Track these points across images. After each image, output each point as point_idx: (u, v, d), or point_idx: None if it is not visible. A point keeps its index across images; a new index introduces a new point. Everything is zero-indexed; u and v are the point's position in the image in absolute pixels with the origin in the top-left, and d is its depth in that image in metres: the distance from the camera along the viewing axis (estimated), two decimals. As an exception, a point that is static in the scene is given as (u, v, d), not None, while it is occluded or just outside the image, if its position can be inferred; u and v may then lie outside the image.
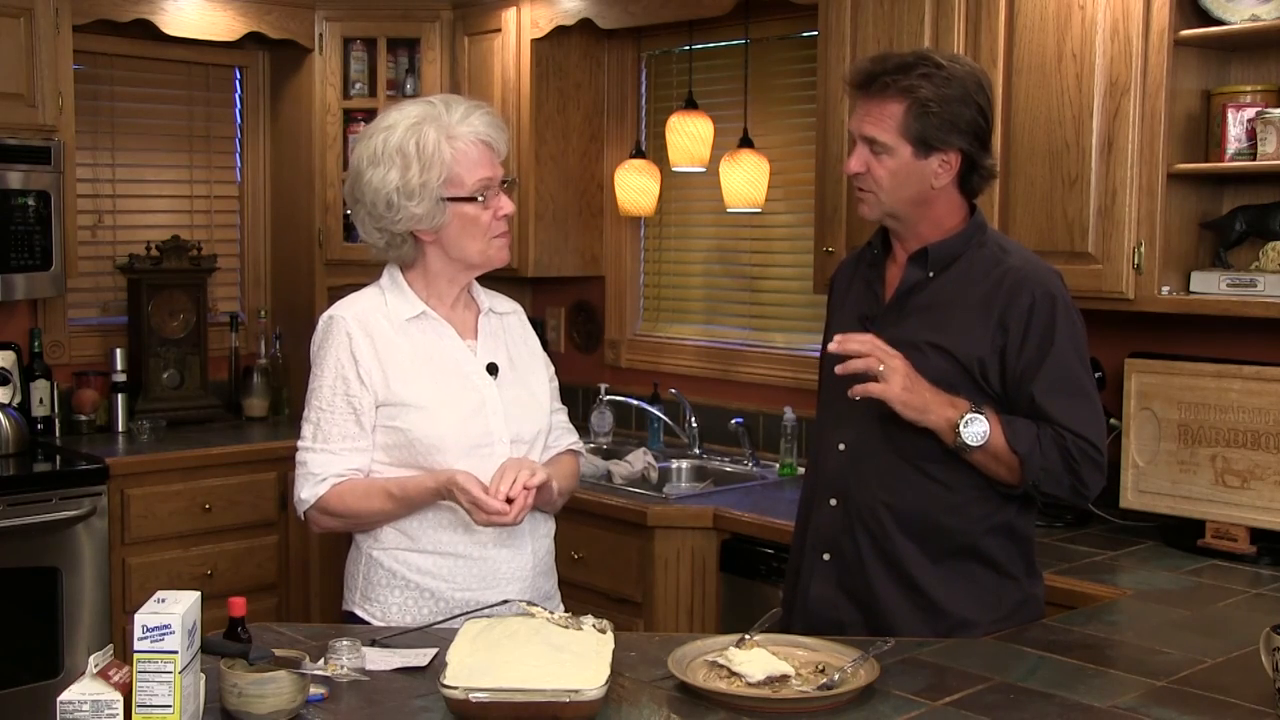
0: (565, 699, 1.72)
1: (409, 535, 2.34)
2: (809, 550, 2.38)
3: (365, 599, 2.37)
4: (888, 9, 3.36)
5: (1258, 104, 2.92)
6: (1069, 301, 2.26)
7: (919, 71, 2.19)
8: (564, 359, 4.93)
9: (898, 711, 1.84)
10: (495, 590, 2.34)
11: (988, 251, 2.28)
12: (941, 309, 2.26)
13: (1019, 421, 2.19)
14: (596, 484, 3.85)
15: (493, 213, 2.33)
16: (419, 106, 2.33)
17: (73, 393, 4.48)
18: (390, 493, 2.30)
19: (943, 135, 2.21)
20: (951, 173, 2.25)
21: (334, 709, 1.84)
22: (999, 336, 2.21)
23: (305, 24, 4.68)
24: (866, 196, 2.29)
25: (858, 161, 2.26)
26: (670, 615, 3.53)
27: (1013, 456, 2.18)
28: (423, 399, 2.31)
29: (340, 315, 2.36)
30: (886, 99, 2.21)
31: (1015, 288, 2.22)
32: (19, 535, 3.78)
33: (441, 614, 2.31)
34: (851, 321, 2.36)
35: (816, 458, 2.43)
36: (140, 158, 4.81)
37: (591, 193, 4.70)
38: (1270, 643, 1.84)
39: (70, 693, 1.64)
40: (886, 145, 2.22)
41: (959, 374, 2.21)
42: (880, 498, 2.28)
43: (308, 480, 2.32)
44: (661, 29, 4.43)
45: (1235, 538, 2.89)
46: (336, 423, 2.32)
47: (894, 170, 2.23)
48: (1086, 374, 2.24)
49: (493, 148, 2.34)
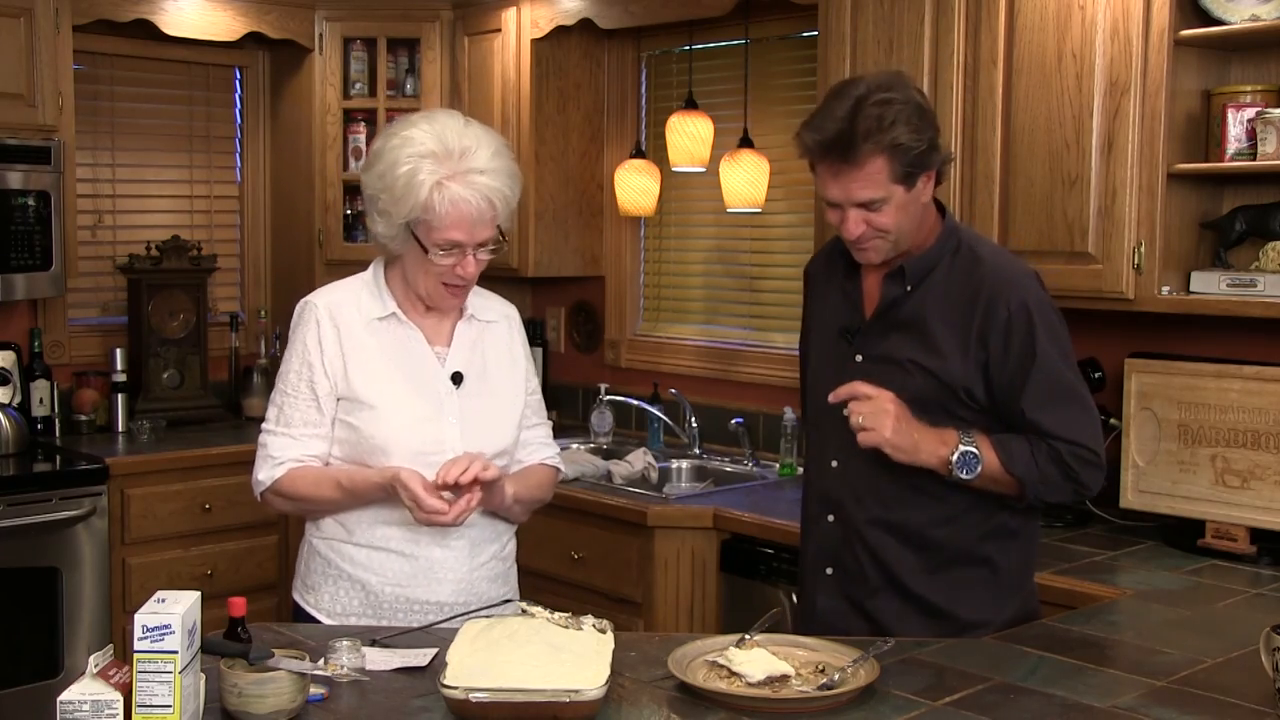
0: (565, 699, 1.72)
1: (346, 527, 2.36)
2: (812, 563, 2.39)
3: (305, 586, 2.42)
4: (888, 9, 3.36)
5: (1258, 104, 2.92)
6: (1047, 303, 2.25)
7: (888, 118, 2.13)
8: (564, 359, 4.93)
9: (898, 711, 1.84)
10: (426, 589, 2.34)
11: (962, 259, 2.27)
12: (923, 324, 2.25)
13: (1013, 441, 2.19)
14: (596, 484, 3.85)
15: (450, 268, 2.29)
16: (443, 138, 2.24)
17: (73, 393, 4.48)
18: (339, 483, 2.32)
19: (924, 161, 2.19)
20: (932, 182, 2.25)
21: (334, 709, 1.84)
22: (980, 353, 2.21)
23: (305, 24, 4.68)
24: (872, 245, 2.24)
25: (856, 225, 2.21)
26: (670, 615, 3.53)
27: (1011, 478, 2.19)
28: (376, 399, 2.32)
29: (314, 302, 2.40)
30: (868, 160, 2.15)
31: (991, 301, 2.21)
32: (19, 535, 3.78)
33: (371, 607, 2.34)
34: (832, 335, 2.36)
35: (811, 472, 2.43)
36: (140, 158, 4.81)
37: (591, 193, 4.70)
38: (1270, 643, 1.84)
39: (70, 693, 1.64)
40: (882, 199, 2.18)
41: (945, 393, 2.22)
42: (874, 513, 2.28)
43: (266, 462, 2.36)
44: (661, 29, 4.43)
45: (1235, 538, 2.89)
46: (299, 408, 2.34)
47: (894, 214, 2.20)
48: (1074, 375, 2.24)
49: (484, 212, 2.25)
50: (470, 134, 2.28)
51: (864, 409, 2.15)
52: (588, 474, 3.91)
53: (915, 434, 2.16)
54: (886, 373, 2.24)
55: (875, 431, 2.13)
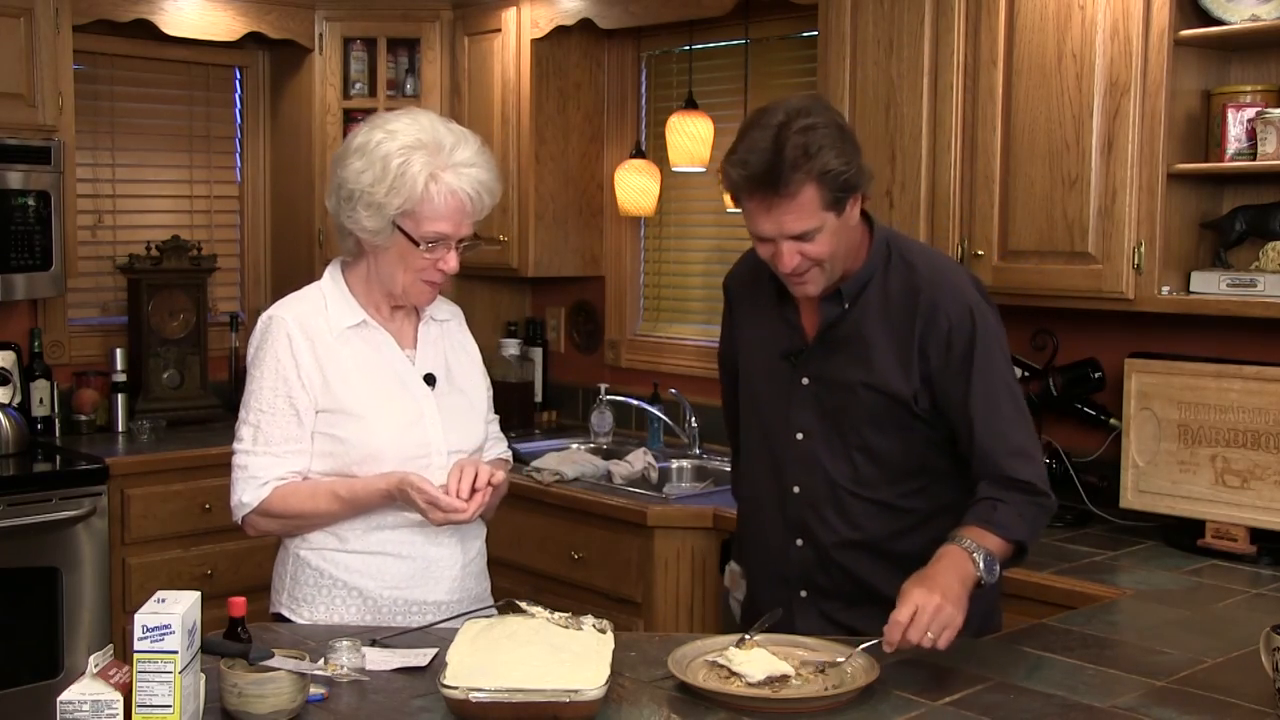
0: (565, 699, 1.72)
1: (338, 536, 2.32)
2: (782, 585, 2.34)
3: (293, 599, 2.35)
4: (888, 9, 3.36)
5: (1258, 104, 2.92)
6: (985, 306, 2.21)
7: (814, 145, 2.05)
8: (564, 359, 4.93)
9: (898, 711, 1.84)
10: (424, 589, 2.34)
11: (895, 268, 2.23)
12: (863, 341, 2.22)
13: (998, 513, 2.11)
14: (596, 484, 3.85)
15: (433, 262, 2.29)
16: (429, 131, 2.26)
17: (73, 393, 4.48)
18: (337, 494, 2.28)
19: (853, 184, 2.11)
20: (859, 203, 2.18)
21: (334, 709, 1.84)
22: (921, 363, 2.19)
23: (305, 24, 4.68)
24: (809, 277, 2.17)
25: (791, 257, 2.12)
26: (670, 615, 3.52)
27: (1010, 546, 2.11)
28: (361, 408, 2.29)
29: (280, 316, 2.33)
30: (798, 191, 2.06)
31: (931, 310, 2.18)
32: (19, 535, 3.78)
33: (370, 613, 2.31)
34: (774, 360, 2.31)
35: (766, 496, 2.36)
36: (140, 158, 4.81)
37: (591, 193, 4.70)
38: (1270, 643, 1.84)
39: (70, 693, 1.64)
40: (815, 229, 2.10)
41: (896, 408, 2.20)
42: (842, 534, 2.27)
43: (249, 484, 2.28)
44: (661, 29, 4.43)
45: (1235, 538, 2.89)
46: (278, 424, 2.29)
47: (828, 242, 2.12)
48: (1011, 376, 2.22)
49: (473, 205, 2.27)
50: (453, 129, 2.29)
51: (924, 630, 1.94)
52: (588, 474, 3.91)
53: (944, 585, 1.99)
54: (835, 396, 2.23)
55: (949, 631, 1.96)
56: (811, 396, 2.26)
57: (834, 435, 2.26)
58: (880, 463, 2.24)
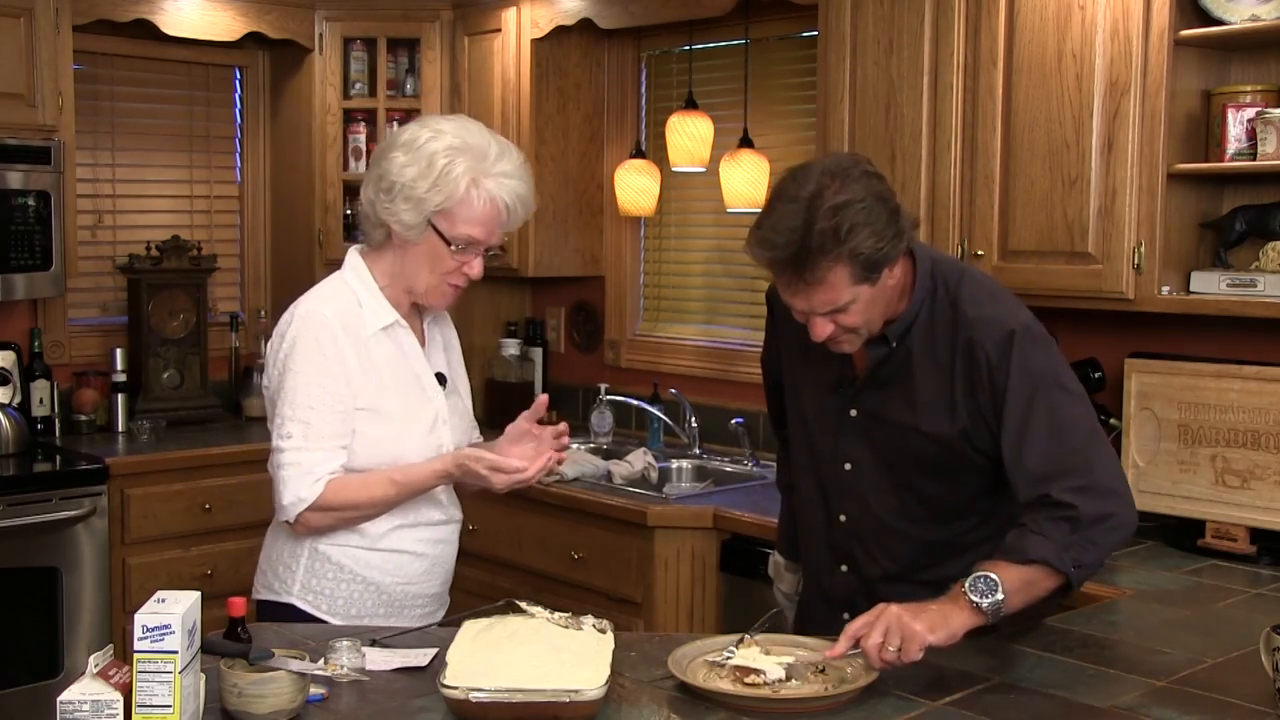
0: (565, 699, 1.72)
1: (363, 533, 2.36)
2: (825, 606, 2.31)
3: (308, 590, 2.37)
4: (888, 9, 3.36)
5: (1258, 104, 2.92)
6: (1023, 333, 2.08)
7: (844, 226, 1.93)
8: (564, 359, 4.93)
9: (898, 711, 1.84)
10: (428, 583, 2.44)
11: (940, 307, 2.13)
12: (911, 380, 2.15)
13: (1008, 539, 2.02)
14: (596, 484, 3.85)
15: (460, 265, 2.33)
16: (477, 136, 2.31)
17: (73, 393, 4.48)
18: (392, 480, 2.32)
19: (888, 254, 2.00)
20: (900, 264, 2.07)
21: (334, 709, 1.84)
22: (968, 403, 2.10)
23: (305, 24, 4.68)
24: (845, 340, 2.10)
25: (824, 328, 2.05)
26: (670, 615, 3.53)
27: (1037, 569, 1.98)
28: (392, 410, 2.34)
29: (319, 311, 2.34)
30: (827, 273, 1.97)
31: (969, 349, 2.08)
32: (19, 535, 3.78)
33: (383, 605, 2.38)
34: (822, 390, 2.26)
35: (816, 520, 2.32)
36: (140, 158, 4.81)
37: (591, 193, 4.70)
38: (1270, 643, 1.84)
39: (70, 693, 1.64)
40: (847, 303, 2.02)
41: (942, 452, 2.14)
42: (888, 569, 2.24)
43: (303, 479, 2.27)
44: (661, 29, 4.43)
45: (1235, 538, 2.89)
46: (328, 420, 2.29)
47: (862, 311, 2.04)
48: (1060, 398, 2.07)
49: (508, 215, 2.32)
50: (498, 140, 2.34)
51: (879, 642, 1.88)
52: (588, 474, 3.91)
53: (931, 612, 1.92)
54: (883, 432, 2.19)
55: (910, 647, 1.88)
56: (860, 429, 2.22)
57: (883, 470, 2.21)
58: (929, 504, 2.20)
